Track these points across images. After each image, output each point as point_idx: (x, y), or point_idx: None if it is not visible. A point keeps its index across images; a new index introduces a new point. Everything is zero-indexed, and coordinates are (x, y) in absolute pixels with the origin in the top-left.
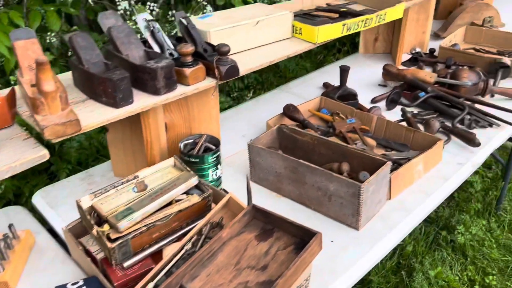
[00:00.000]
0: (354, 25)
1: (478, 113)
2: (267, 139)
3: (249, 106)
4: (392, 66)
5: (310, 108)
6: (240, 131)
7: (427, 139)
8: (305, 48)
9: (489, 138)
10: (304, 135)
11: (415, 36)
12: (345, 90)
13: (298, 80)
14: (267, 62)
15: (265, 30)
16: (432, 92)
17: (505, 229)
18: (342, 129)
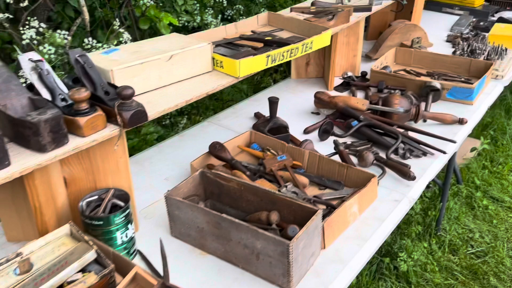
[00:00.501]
0: (279, 56)
1: (412, 142)
2: (189, 187)
3: (173, 143)
4: (323, 93)
5: (239, 144)
6: (163, 173)
7: (361, 176)
8: (227, 83)
9: (424, 169)
10: (230, 181)
11: (346, 59)
12: (275, 122)
13: (227, 110)
14: (183, 102)
15: (181, 65)
16: (365, 121)
17: (446, 250)
18: (273, 167)
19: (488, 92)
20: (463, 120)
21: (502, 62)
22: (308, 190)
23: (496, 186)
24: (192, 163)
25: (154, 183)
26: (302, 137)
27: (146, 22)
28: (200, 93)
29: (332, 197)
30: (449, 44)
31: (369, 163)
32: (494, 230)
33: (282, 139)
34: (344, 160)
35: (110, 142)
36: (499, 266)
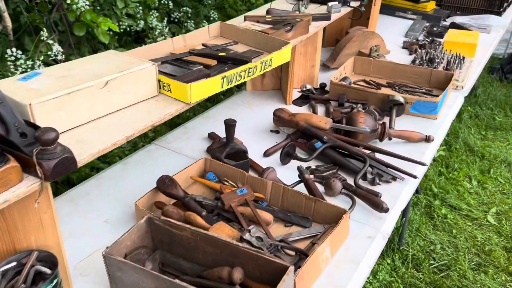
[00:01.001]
0: (235, 77)
1: (380, 165)
2: (133, 238)
3: (115, 173)
4: (283, 111)
5: (193, 175)
6: (102, 213)
7: (331, 211)
8: (177, 111)
9: (395, 196)
10: (182, 229)
11: (304, 70)
12: (233, 147)
13: (177, 130)
14: (123, 138)
15: (120, 91)
16: (329, 142)
17: (409, 266)
18: (232, 203)
19: (450, 104)
20: (430, 138)
21: (461, 72)
22: (272, 228)
23: (453, 193)
24: (137, 203)
25: (92, 226)
26: (262, 161)
27: (82, 28)
28: (144, 126)
29: (300, 237)
30: (406, 50)
31: (337, 192)
32: (454, 240)
33: (241, 166)
34: (311, 190)
35: (30, 196)
36: (462, 280)
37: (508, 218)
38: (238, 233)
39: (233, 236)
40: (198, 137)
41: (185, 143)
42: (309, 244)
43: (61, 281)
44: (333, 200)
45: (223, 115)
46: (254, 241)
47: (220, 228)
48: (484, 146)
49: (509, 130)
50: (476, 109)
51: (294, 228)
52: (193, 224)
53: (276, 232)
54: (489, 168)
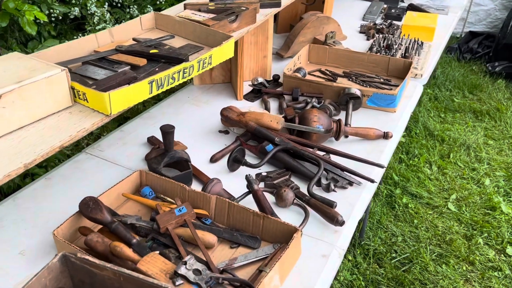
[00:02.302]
0: (167, 80)
1: (336, 169)
2: (44, 282)
3: (35, 192)
4: (231, 110)
5: (125, 192)
6: (18, 243)
7: (281, 228)
8: (93, 125)
9: (352, 204)
10: (103, 269)
11: (255, 61)
12: (172, 156)
13: (113, 135)
14: (20, 166)
15: (20, 106)
16: (281, 144)
17: (371, 261)
18: (169, 226)
19: (409, 95)
20: (388, 134)
21: (420, 59)
22: (216, 251)
23: (414, 180)
24: (55, 232)
25: (4, 260)
26: (209, 168)
27: (5, 17)
28: (50, 148)
29: (246, 262)
30: (363, 36)
31: (289, 203)
32: (416, 231)
33: (182, 178)
34: (260, 204)
35: None
36: (424, 273)
37: (468, 204)
38: (173, 266)
39: (166, 270)
40: (136, 142)
41: (121, 151)
42: (256, 272)
43: None
44: (285, 212)
45: (166, 115)
46: (191, 276)
47: (152, 261)
48: (443, 129)
49: (467, 112)
50: (435, 91)
51: (241, 250)
52: (120, 256)
53: (220, 256)
54: (448, 152)
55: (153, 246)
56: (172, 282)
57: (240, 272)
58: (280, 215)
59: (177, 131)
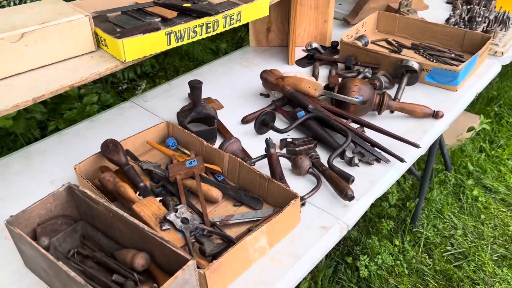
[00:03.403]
0: (187, 33)
1: (365, 143)
2: (49, 207)
3: (79, 130)
4: (270, 73)
5: (148, 139)
6: (53, 173)
7: (283, 194)
8: (107, 70)
9: (372, 181)
10: (97, 203)
11: (315, 26)
12: (199, 112)
13: (160, 88)
14: (29, 100)
15: (41, 46)
16: (313, 111)
17: (420, 249)
18: (178, 176)
19: (481, 73)
20: (438, 114)
21: (505, 34)
22: (220, 206)
23: (492, 173)
24: (76, 168)
25: (37, 187)
26: (238, 128)
27: None
28: (60, 86)
29: (242, 220)
30: (449, 6)
31: (303, 171)
32: (481, 227)
33: (205, 134)
34: (272, 168)
35: None
36: (478, 272)
37: None
38: (165, 212)
39: (158, 215)
40: (179, 97)
41: (163, 103)
42: (245, 230)
43: None
44: (298, 180)
45: (215, 74)
46: (178, 223)
47: (147, 204)
48: None
49: None
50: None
51: (243, 209)
52: (123, 196)
53: (222, 212)
54: None
55: (161, 192)
56: (160, 226)
57: (234, 229)
58: (292, 182)
59: (219, 91)
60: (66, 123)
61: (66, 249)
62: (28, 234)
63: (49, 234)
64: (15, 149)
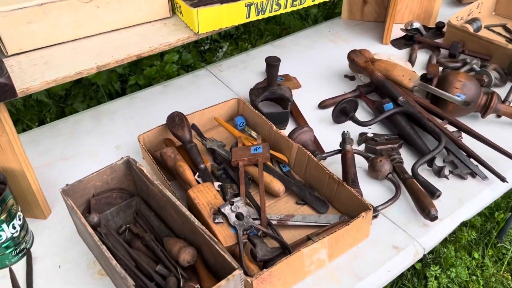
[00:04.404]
0: (269, 5)
1: (461, 152)
2: (106, 179)
3: (152, 94)
4: (360, 54)
5: (216, 116)
6: (119, 137)
7: (353, 201)
8: (178, 41)
9: (462, 200)
10: (152, 184)
11: (419, 2)
12: (274, 92)
13: (238, 57)
14: (93, 67)
15: (113, 8)
16: (403, 105)
17: (502, 268)
18: (241, 161)
19: None
20: None
21: None
22: (281, 201)
23: None
24: (141, 138)
25: (102, 150)
26: (314, 113)
27: None
28: (127, 55)
29: (303, 224)
30: None
31: (381, 176)
32: None
33: (276, 117)
34: (345, 167)
35: None
36: None
37: None
38: (221, 203)
39: (213, 204)
40: (255, 69)
41: (238, 74)
42: (304, 237)
43: (10, 203)
44: (375, 185)
45: (298, 46)
46: (232, 218)
47: (204, 191)
48: None
49: None
50: None
51: (305, 209)
52: (181, 177)
53: (282, 208)
54: None
55: (221, 176)
56: (213, 218)
57: (291, 231)
58: (366, 186)
59: (299, 67)
60: (146, 79)
61: (119, 223)
62: (82, 204)
63: (103, 207)
64: (96, 99)
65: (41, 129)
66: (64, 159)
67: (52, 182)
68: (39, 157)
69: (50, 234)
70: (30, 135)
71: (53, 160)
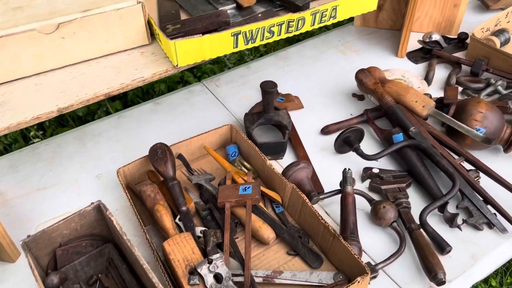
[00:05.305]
0: (260, 33)
1: (477, 197)
2: (74, 227)
3: (141, 114)
4: (369, 74)
5: (206, 145)
6: (103, 163)
7: (349, 259)
8: (157, 74)
9: (476, 257)
10: (122, 236)
11: (441, 10)
12: (269, 118)
13: (237, 70)
14: (54, 110)
15: (82, 38)
16: (416, 137)
17: None
18: (227, 203)
19: None
20: None
21: None
22: (271, 249)
23: None
24: (121, 171)
25: (82, 179)
26: (316, 139)
27: None
28: (93, 95)
29: (292, 282)
30: None
31: (385, 224)
32: None
33: (273, 147)
34: (343, 213)
35: None
36: None
37: None
38: (199, 259)
39: (190, 260)
40: (256, 85)
41: (235, 91)
42: None
43: None
44: (377, 232)
45: (304, 58)
46: (209, 280)
47: (181, 243)
48: None
49: None
50: None
51: (296, 262)
52: (158, 223)
53: (271, 259)
54: None
55: (207, 218)
56: (188, 279)
57: None
58: (369, 234)
59: (303, 83)
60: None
61: (89, 273)
62: (48, 255)
63: (71, 256)
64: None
65: (21, 152)
66: (41, 190)
67: (26, 217)
68: (16, 187)
69: (16, 282)
70: (9, 159)
71: (30, 190)
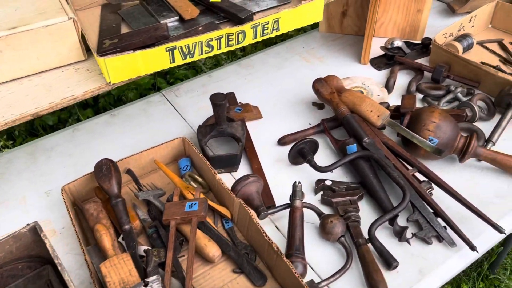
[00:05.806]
0: (198, 48)
1: (428, 210)
2: (10, 249)
3: (96, 126)
4: (325, 84)
5: (157, 159)
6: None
7: (290, 277)
8: (89, 92)
9: (423, 272)
10: (53, 259)
11: (405, 15)
12: (222, 131)
13: (199, 79)
14: None
15: (12, 56)
16: (369, 148)
17: None
18: (172, 220)
19: None
20: None
21: None
22: (217, 267)
23: None
24: (66, 188)
25: (30, 196)
26: (272, 150)
27: None
28: (20, 115)
29: None
30: None
31: (333, 239)
32: None
33: (226, 160)
34: (291, 228)
35: None
36: None
37: None
38: (137, 281)
39: (127, 283)
40: None
41: (195, 101)
42: None
43: None
44: (326, 247)
45: (266, 66)
46: None
47: (118, 265)
48: None
49: None
50: None
51: (241, 280)
52: (98, 242)
53: (216, 277)
54: None
55: (152, 236)
56: None
57: None
58: (318, 248)
59: (264, 92)
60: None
61: None
62: None
63: (6, 280)
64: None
65: None
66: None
67: None
68: None
69: None
70: None
71: None
